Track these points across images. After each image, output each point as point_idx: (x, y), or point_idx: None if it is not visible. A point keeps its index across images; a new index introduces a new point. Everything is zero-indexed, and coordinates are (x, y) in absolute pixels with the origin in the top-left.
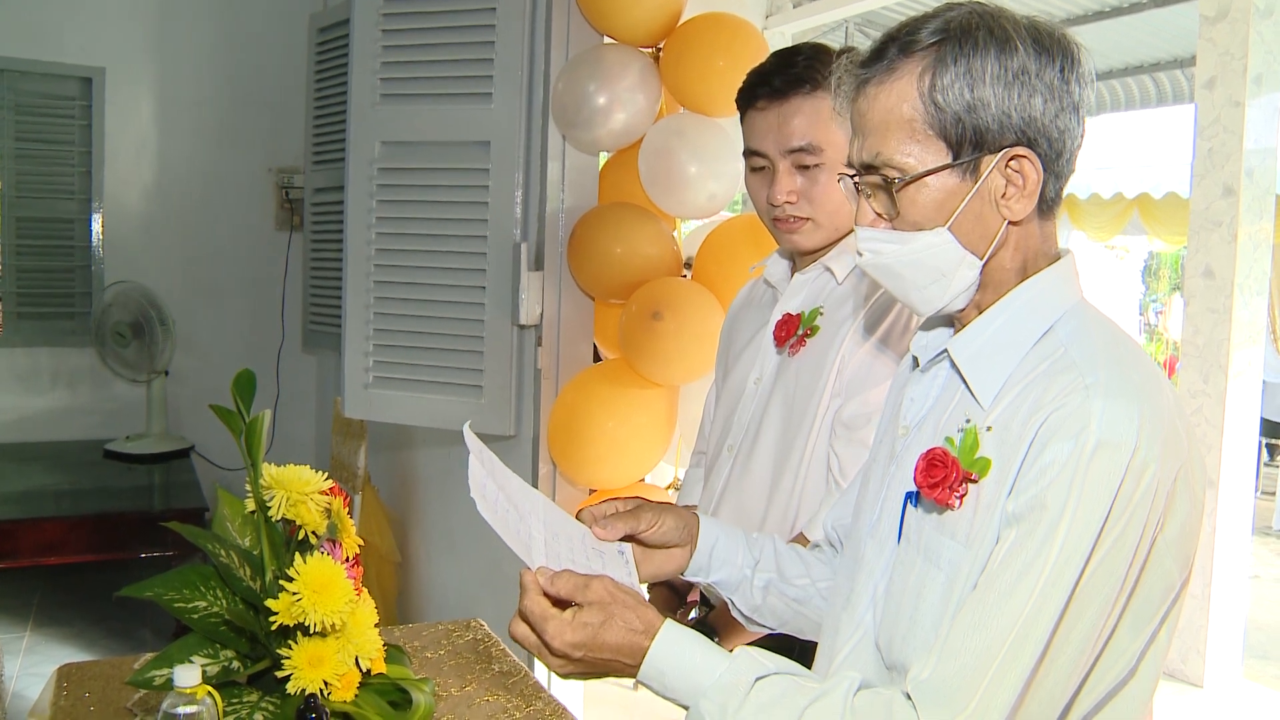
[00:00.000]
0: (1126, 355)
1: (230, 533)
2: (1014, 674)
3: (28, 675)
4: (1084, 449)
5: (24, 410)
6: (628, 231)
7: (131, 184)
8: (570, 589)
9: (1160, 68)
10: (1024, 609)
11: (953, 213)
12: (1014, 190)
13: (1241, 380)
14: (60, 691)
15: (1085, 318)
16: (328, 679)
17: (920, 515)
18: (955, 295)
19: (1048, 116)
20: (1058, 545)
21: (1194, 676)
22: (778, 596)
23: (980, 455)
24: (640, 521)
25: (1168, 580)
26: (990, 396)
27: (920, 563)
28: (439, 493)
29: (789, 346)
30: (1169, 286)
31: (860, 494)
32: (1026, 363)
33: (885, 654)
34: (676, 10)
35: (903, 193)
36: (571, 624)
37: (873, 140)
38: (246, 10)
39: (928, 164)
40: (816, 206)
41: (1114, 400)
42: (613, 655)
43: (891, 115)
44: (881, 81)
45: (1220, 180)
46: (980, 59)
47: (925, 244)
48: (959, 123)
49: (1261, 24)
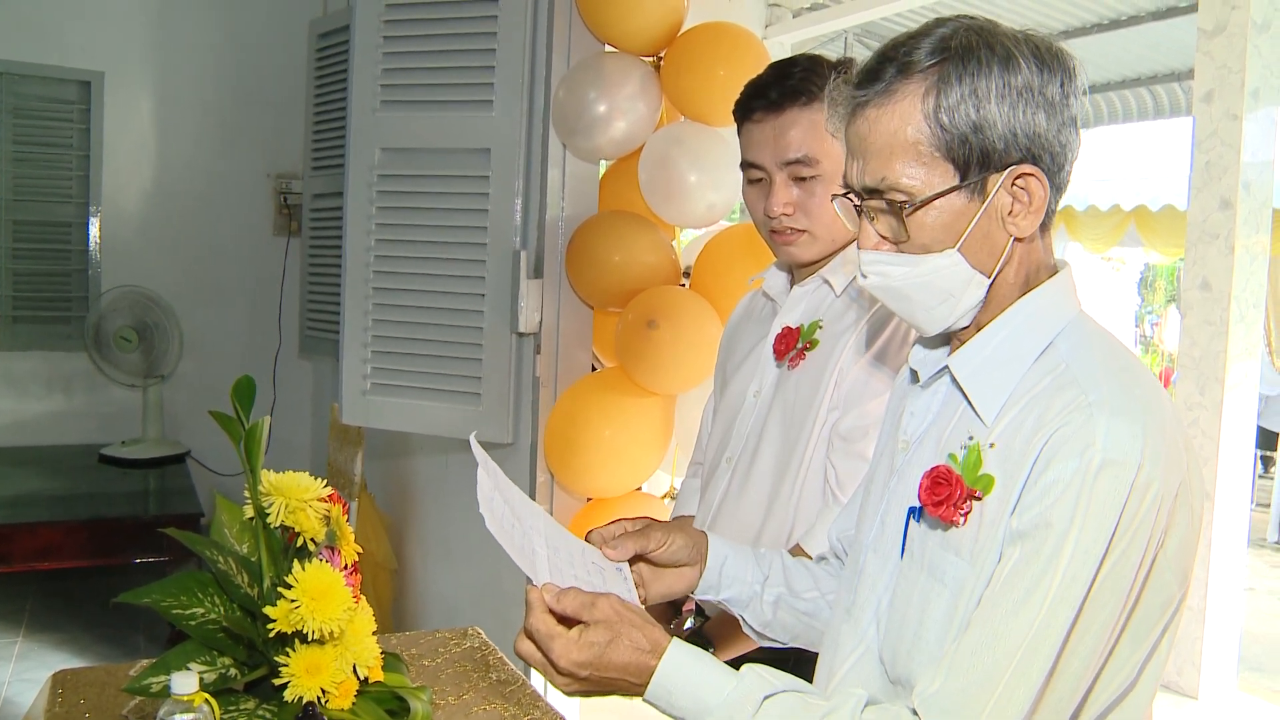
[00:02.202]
0: (1127, 370)
1: (228, 539)
2: (1023, 689)
3: (20, 681)
4: (1089, 467)
5: (19, 414)
6: (626, 240)
7: (130, 188)
8: (576, 607)
9: (1158, 80)
10: (1032, 625)
11: (961, 234)
12: (1020, 207)
13: (1238, 393)
14: (55, 698)
15: (1085, 331)
16: (325, 686)
17: (924, 531)
18: (963, 314)
19: (1050, 132)
20: (1064, 562)
21: (1189, 688)
22: (788, 611)
23: (984, 472)
24: (650, 541)
25: (1167, 593)
26: (993, 413)
27: (924, 579)
28: (436, 500)
29: (789, 360)
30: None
31: (861, 506)
32: (1028, 379)
33: (890, 668)
34: (677, 19)
35: (912, 217)
36: (578, 643)
37: (876, 164)
38: (246, 15)
39: (935, 186)
40: (813, 219)
41: (1118, 418)
42: (619, 674)
43: (895, 139)
44: (881, 104)
45: (1217, 193)
46: (984, 78)
47: (934, 266)
48: (965, 143)
49: (1259, 38)
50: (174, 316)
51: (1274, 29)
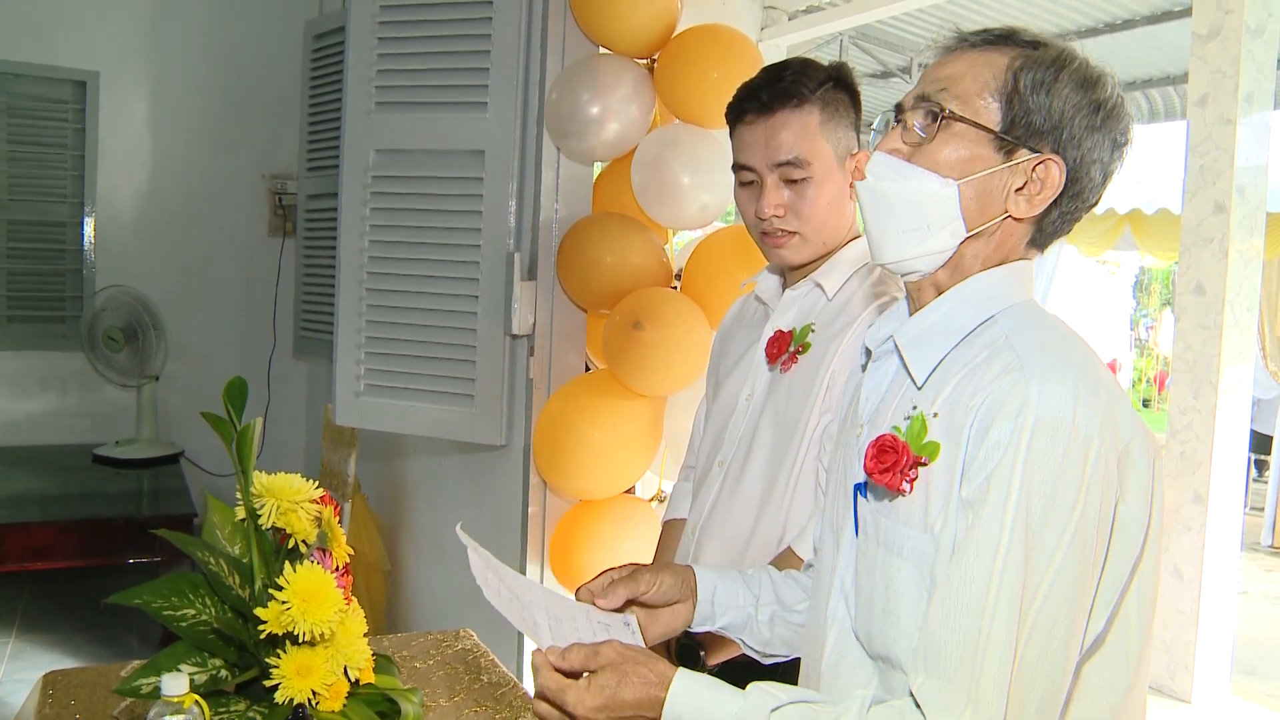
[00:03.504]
0: (1063, 341)
1: (220, 540)
2: (995, 654)
3: (12, 681)
4: (1023, 427)
5: (13, 414)
6: (617, 241)
7: (124, 188)
8: (581, 660)
9: (1152, 84)
10: (989, 594)
11: (969, 174)
12: (1030, 190)
13: (1231, 397)
14: (45, 699)
15: (1030, 311)
16: (316, 688)
17: (871, 505)
18: (925, 254)
19: (1089, 156)
20: (1009, 522)
21: (1182, 692)
22: (784, 626)
23: (929, 440)
24: (640, 584)
25: (1129, 543)
26: (923, 375)
27: (882, 554)
28: (429, 501)
29: (781, 363)
30: (1160, 302)
31: (826, 496)
32: (968, 350)
33: (867, 645)
34: (671, 21)
35: (945, 125)
36: (589, 689)
37: (945, 79)
38: (241, 16)
39: (981, 119)
40: (804, 220)
41: (1049, 382)
42: (634, 712)
43: (973, 68)
44: (976, 46)
45: (1212, 197)
46: (1068, 75)
47: (929, 189)
48: (1025, 108)
49: (1253, 43)
50: (159, 317)
51: (1268, 34)
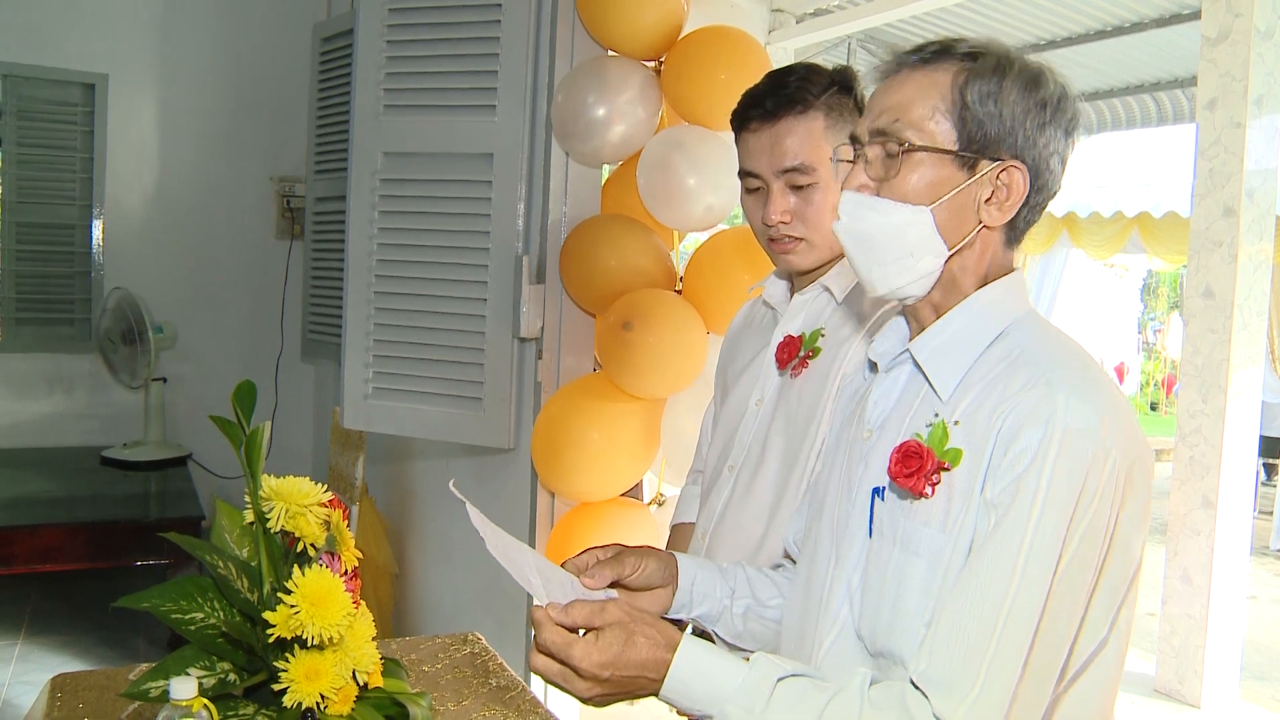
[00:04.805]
0: (1077, 356)
1: (228, 544)
2: (1011, 651)
3: (19, 684)
4: (1053, 436)
5: (21, 416)
6: (618, 243)
7: (132, 190)
8: (586, 615)
9: (1161, 87)
10: (1010, 588)
11: (939, 198)
12: (998, 199)
13: (1241, 401)
14: (54, 701)
15: (1036, 324)
16: (324, 692)
17: (891, 507)
18: (914, 279)
19: (1045, 152)
20: (1034, 527)
21: (1191, 697)
22: (756, 620)
23: (951, 446)
24: (624, 567)
25: (1130, 553)
26: (949, 389)
27: (897, 552)
28: (437, 504)
29: (791, 368)
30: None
31: (819, 501)
32: (985, 363)
33: (869, 643)
34: (678, 23)
35: (907, 159)
36: (597, 645)
37: (893, 109)
38: (250, 18)
39: (938, 143)
40: (810, 226)
41: (1075, 395)
42: (639, 671)
43: (920, 93)
44: (917, 68)
45: (1221, 201)
46: (1011, 80)
47: (905, 219)
48: (977, 122)
49: (1262, 46)
50: (149, 321)
51: (1277, 36)
